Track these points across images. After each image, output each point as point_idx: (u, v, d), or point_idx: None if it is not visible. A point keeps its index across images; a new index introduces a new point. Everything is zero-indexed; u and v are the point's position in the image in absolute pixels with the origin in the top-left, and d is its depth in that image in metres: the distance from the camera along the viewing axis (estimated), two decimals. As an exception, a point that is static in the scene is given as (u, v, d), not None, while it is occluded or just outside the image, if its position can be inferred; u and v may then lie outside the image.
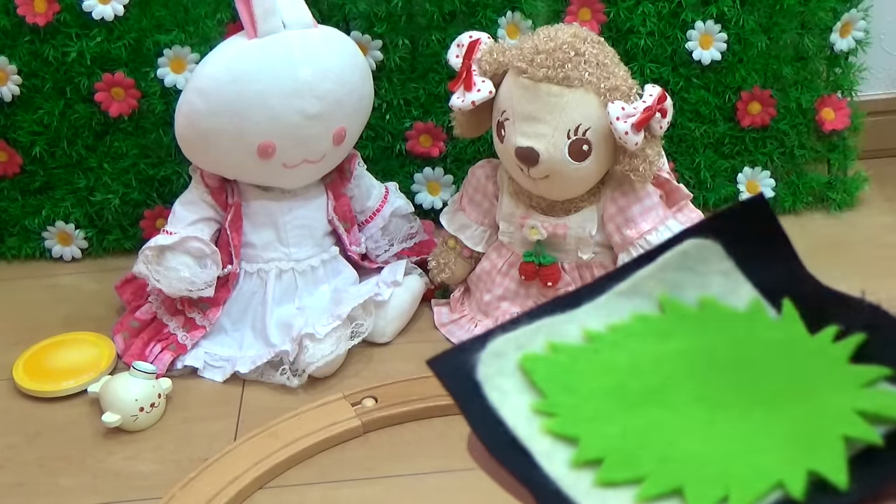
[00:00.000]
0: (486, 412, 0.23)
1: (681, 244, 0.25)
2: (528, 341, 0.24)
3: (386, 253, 1.01)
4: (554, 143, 0.80)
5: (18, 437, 0.83)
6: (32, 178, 1.05)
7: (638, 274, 0.25)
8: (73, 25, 0.96)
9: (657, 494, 0.21)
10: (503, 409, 0.23)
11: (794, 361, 0.23)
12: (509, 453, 0.22)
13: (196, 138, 0.85)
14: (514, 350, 0.24)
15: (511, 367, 0.24)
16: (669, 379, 0.23)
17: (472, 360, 0.23)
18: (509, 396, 0.23)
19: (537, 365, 0.24)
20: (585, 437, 0.22)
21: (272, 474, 0.77)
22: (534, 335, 0.24)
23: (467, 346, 0.24)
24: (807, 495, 0.20)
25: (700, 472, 0.21)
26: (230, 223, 0.91)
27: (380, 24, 1.00)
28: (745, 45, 1.03)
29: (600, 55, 0.80)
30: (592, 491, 0.21)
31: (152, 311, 0.93)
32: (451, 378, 0.23)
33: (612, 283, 0.25)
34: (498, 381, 0.23)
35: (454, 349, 0.24)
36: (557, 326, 0.24)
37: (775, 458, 0.21)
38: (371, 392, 0.84)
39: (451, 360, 0.24)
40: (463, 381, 0.23)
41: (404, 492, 0.76)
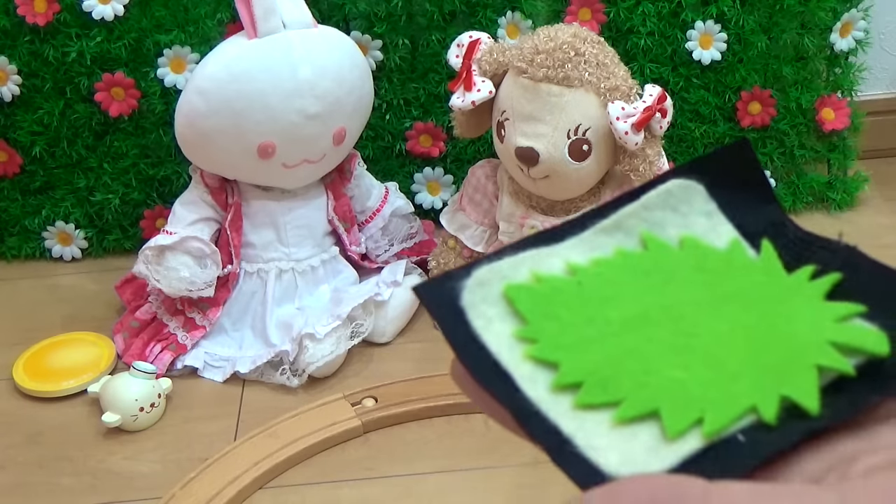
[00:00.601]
0: (469, 338, 0.23)
1: (665, 184, 0.25)
2: (512, 271, 0.24)
3: (386, 253, 1.01)
4: (554, 143, 0.80)
5: (18, 437, 0.83)
6: (32, 178, 1.05)
7: (621, 211, 0.25)
8: (73, 25, 0.96)
9: (633, 416, 0.22)
10: (486, 334, 0.23)
11: (771, 297, 0.24)
12: (491, 377, 0.23)
13: (196, 138, 0.85)
14: (498, 279, 0.24)
15: (495, 295, 0.24)
16: (649, 310, 0.23)
17: (457, 287, 0.24)
18: (493, 323, 0.24)
19: (521, 294, 0.24)
20: (566, 363, 0.23)
21: (272, 474, 0.77)
22: (518, 266, 0.24)
23: (453, 275, 0.24)
24: (779, 419, 0.21)
25: (675, 397, 0.22)
26: (230, 223, 0.91)
27: (380, 24, 1.00)
28: (745, 45, 1.03)
29: (600, 55, 0.80)
30: (571, 412, 0.22)
31: (152, 311, 0.93)
32: (436, 304, 0.24)
33: (595, 220, 0.25)
34: (482, 308, 0.24)
35: (440, 277, 0.24)
36: (541, 258, 0.25)
37: (748, 385, 0.22)
38: (371, 392, 0.84)
39: (436, 287, 0.24)
40: (447, 307, 0.24)
41: (404, 492, 0.76)
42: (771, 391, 0.21)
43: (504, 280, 0.24)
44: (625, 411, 0.22)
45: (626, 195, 0.25)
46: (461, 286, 0.24)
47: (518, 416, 0.22)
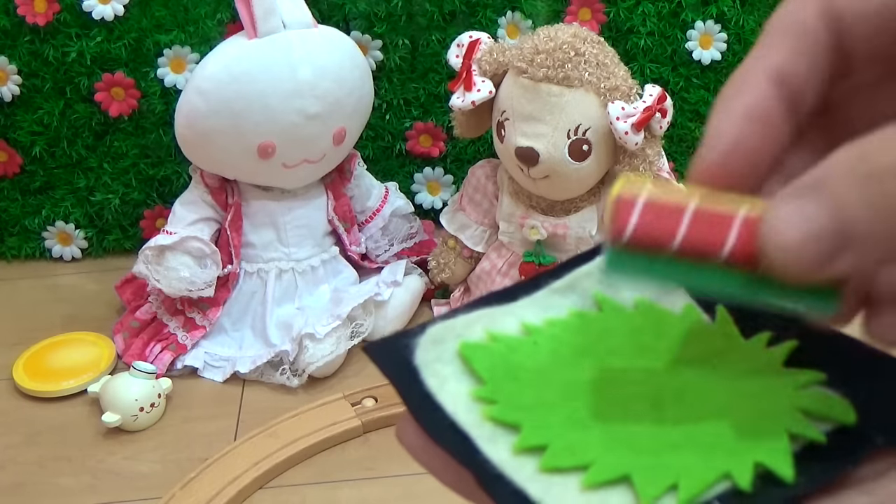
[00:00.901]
0: (424, 397, 0.22)
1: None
2: (467, 330, 0.24)
3: (386, 253, 1.01)
4: (554, 143, 0.80)
5: (18, 437, 0.83)
6: (32, 178, 1.05)
7: (575, 272, 0.25)
8: (73, 25, 0.96)
9: (603, 481, 0.21)
10: (441, 394, 0.23)
11: (730, 363, 0.23)
12: (450, 438, 0.22)
13: (196, 138, 0.85)
14: (452, 338, 0.23)
15: (450, 354, 0.23)
16: (610, 374, 0.23)
17: (411, 345, 0.23)
18: (448, 382, 0.23)
19: (476, 353, 0.23)
20: (528, 424, 0.22)
21: (272, 474, 0.77)
22: (472, 324, 0.24)
23: (406, 332, 0.24)
24: (754, 486, 0.20)
25: (647, 461, 0.21)
26: (230, 223, 0.91)
27: (380, 24, 1.00)
28: (745, 45, 1.03)
29: (600, 55, 0.80)
30: (537, 476, 0.21)
31: (152, 311, 0.93)
32: (388, 363, 0.23)
33: (548, 280, 0.25)
34: (436, 366, 0.23)
35: (392, 336, 0.24)
36: (495, 317, 0.24)
37: (722, 452, 0.21)
38: (371, 392, 0.84)
39: (388, 345, 0.23)
40: (401, 366, 0.23)
41: (404, 492, 0.76)
42: (745, 458, 0.21)
43: (459, 338, 0.23)
44: (594, 476, 0.21)
45: (580, 256, 0.25)
46: (414, 344, 0.23)
47: (481, 479, 0.21)
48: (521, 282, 0.25)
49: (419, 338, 0.23)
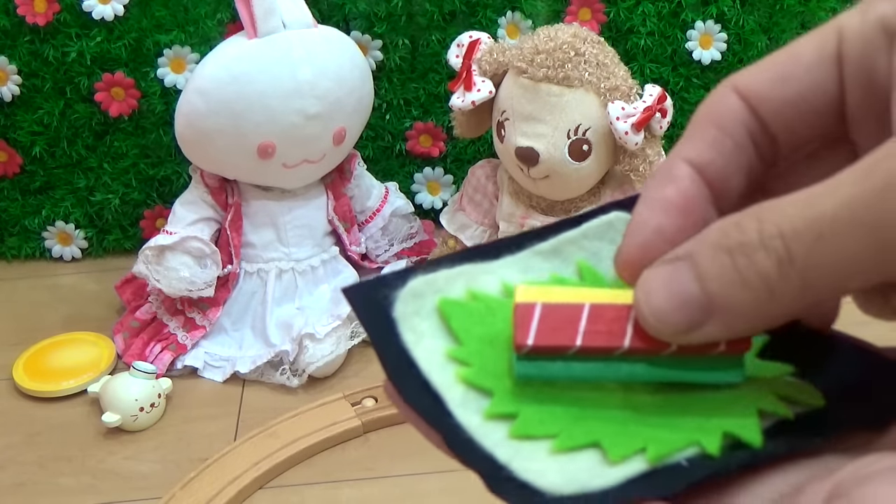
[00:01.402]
0: (400, 353, 0.22)
1: (607, 214, 0.24)
2: (448, 285, 0.23)
3: (386, 253, 1.01)
4: (554, 143, 0.80)
5: (18, 437, 0.83)
6: (32, 178, 1.05)
7: (560, 237, 0.24)
8: (73, 25, 0.96)
9: (573, 447, 0.21)
10: (417, 350, 0.22)
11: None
12: (422, 397, 0.22)
13: (196, 138, 0.85)
14: (432, 293, 0.23)
15: (428, 308, 0.23)
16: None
17: (391, 296, 0.23)
18: (424, 339, 0.23)
19: (455, 310, 0.23)
20: (499, 391, 0.22)
21: (272, 474, 0.77)
22: (453, 280, 0.23)
23: (387, 281, 0.23)
24: (722, 452, 0.21)
25: (617, 429, 0.21)
26: (230, 223, 0.91)
27: (380, 24, 1.00)
28: (745, 45, 1.03)
29: (600, 55, 0.80)
30: (506, 441, 0.21)
31: (152, 311, 0.93)
32: (366, 312, 0.23)
33: (532, 241, 0.24)
34: (414, 321, 0.23)
35: (373, 281, 0.23)
36: (477, 275, 0.24)
37: (691, 424, 0.22)
38: (371, 392, 0.84)
39: (368, 293, 0.23)
40: (379, 317, 0.23)
41: (404, 492, 0.76)
42: (714, 428, 0.21)
43: (439, 293, 0.23)
44: (564, 441, 0.21)
45: (568, 221, 0.25)
46: (394, 296, 0.23)
47: (449, 442, 0.21)
48: (504, 239, 0.24)
49: (399, 290, 0.23)
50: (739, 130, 0.21)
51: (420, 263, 0.24)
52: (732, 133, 0.21)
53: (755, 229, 0.18)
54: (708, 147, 0.21)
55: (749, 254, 0.18)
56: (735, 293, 0.18)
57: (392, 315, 0.23)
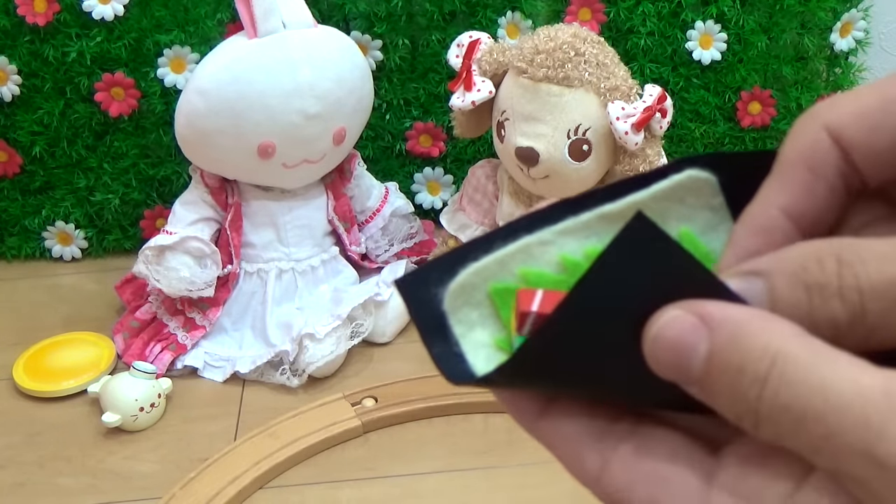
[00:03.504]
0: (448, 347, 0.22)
1: (679, 174, 0.23)
2: (500, 270, 0.23)
3: (386, 253, 1.01)
4: (554, 143, 0.80)
5: (18, 437, 0.83)
6: (32, 178, 1.05)
7: (629, 198, 0.23)
8: (73, 25, 0.96)
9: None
10: (465, 343, 0.23)
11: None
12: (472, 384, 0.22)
13: (196, 138, 0.85)
14: (483, 280, 0.23)
15: (480, 296, 0.23)
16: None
17: (442, 289, 0.23)
18: (474, 329, 0.23)
19: (505, 297, 0.23)
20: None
21: (272, 474, 0.77)
22: (507, 263, 0.23)
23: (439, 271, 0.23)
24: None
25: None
26: (230, 223, 0.91)
27: (380, 24, 1.00)
28: (745, 45, 1.03)
29: (600, 55, 0.80)
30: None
31: (152, 311, 0.93)
32: (417, 306, 0.23)
33: (599, 203, 0.23)
34: (464, 311, 0.23)
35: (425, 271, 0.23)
36: (533, 251, 0.23)
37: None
38: (371, 392, 0.84)
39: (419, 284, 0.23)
40: (429, 312, 0.23)
41: (404, 492, 0.76)
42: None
43: (491, 280, 0.23)
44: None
45: (637, 179, 0.23)
46: (445, 289, 0.23)
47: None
48: (569, 200, 0.23)
49: (450, 284, 0.23)
50: (833, 173, 0.21)
51: (476, 242, 0.23)
52: (826, 176, 0.21)
53: (835, 273, 0.18)
54: (802, 193, 0.21)
55: (826, 298, 0.18)
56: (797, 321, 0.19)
57: (442, 309, 0.23)
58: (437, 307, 0.23)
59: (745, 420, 0.18)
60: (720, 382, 0.19)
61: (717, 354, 0.19)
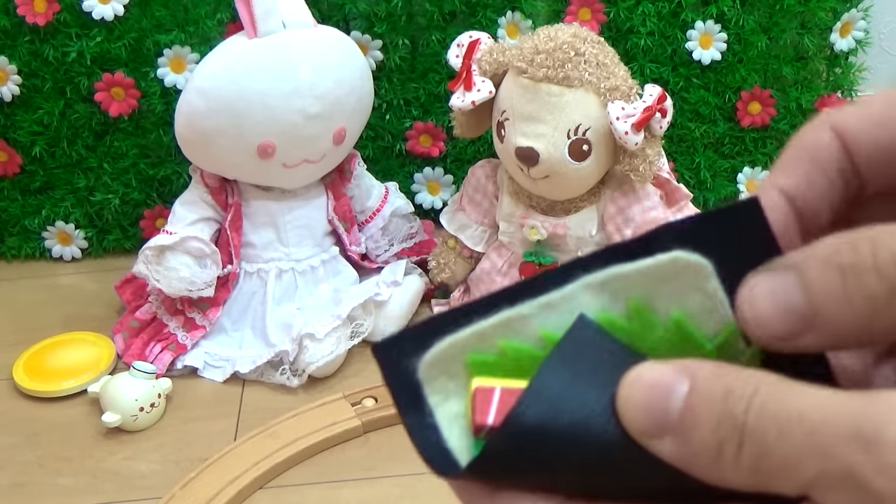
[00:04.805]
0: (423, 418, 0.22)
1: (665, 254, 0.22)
2: (480, 343, 0.22)
3: (386, 253, 1.01)
4: (554, 143, 0.80)
5: (18, 437, 0.83)
6: (32, 178, 1.05)
7: (613, 270, 0.22)
8: (73, 25, 0.96)
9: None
10: (439, 412, 0.22)
11: None
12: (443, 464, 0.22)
13: (196, 138, 0.85)
14: (461, 352, 0.23)
15: (457, 367, 0.23)
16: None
17: (417, 358, 0.22)
18: (449, 399, 0.23)
19: (483, 369, 0.22)
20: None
21: (272, 474, 0.77)
22: (489, 334, 0.22)
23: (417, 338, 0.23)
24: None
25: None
26: (230, 223, 0.91)
27: (380, 24, 1.00)
28: (745, 45, 1.03)
29: (600, 55, 0.80)
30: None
31: (152, 311, 0.93)
32: (391, 373, 0.22)
33: (582, 273, 0.22)
34: (441, 381, 0.23)
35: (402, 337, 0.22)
36: (516, 323, 0.22)
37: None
38: (371, 392, 0.84)
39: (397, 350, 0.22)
40: (405, 381, 0.22)
41: (404, 492, 0.76)
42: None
43: (468, 351, 0.22)
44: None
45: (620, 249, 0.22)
46: (418, 361, 0.22)
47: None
48: (553, 271, 0.22)
49: (427, 352, 0.22)
50: (832, 167, 0.22)
51: (455, 312, 0.22)
52: (825, 168, 0.22)
53: (869, 251, 0.18)
54: (801, 179, 0.22)
55: (860, 274, 0.18)
56: (840, 310, 0.19)
57: (417, 378, 0.22)
58: (413, 376, 0.22)
59: (728, 445, 0.18)
60: (704, 411, 0.19)
61: (702, 386, 0.19)
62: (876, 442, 0.16)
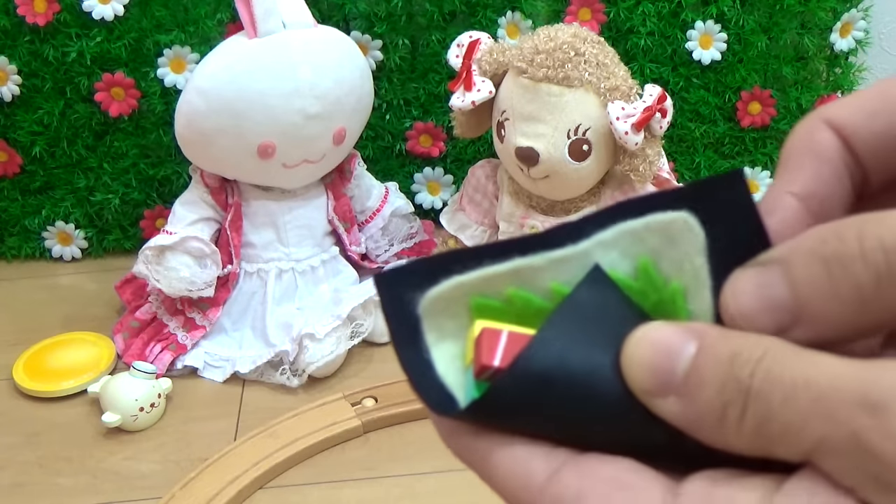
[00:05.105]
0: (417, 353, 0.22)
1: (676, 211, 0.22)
2: (488, 287, 0.22)
3: (386, 253, 1.01)
4: (554, 143, 0.80)
5: (18, 437, 0.83)
6: (32, 178, 1.05)
7: (624, 226, 0.22)
8: (73, 25, 0.96)
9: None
10: (435, 350, 0.22)
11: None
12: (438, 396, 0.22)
13: (196, 138, 0.85)
14: (466, 295, 0.22)
15: (460, 308, 0.22)
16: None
17: (420, 292, 0.22)
18: (446, 339, 0.22)
19: (484, 313, 0.22)
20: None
21: (272, 474, 0.77)
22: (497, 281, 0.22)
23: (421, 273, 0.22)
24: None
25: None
26: (230, 223, 0.91)
27: (380, 24, 1.00)
28: (745, 45, 1.03)
29: (600, 55, 0.80)
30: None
31: (152, 311, 0.93)
32: (391, 306, 0.22)
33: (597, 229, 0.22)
34: (440, 319, 0.22)
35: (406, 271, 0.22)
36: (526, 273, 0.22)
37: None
38: (371, 392, 0.84)
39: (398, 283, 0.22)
40: (403, 313, 0.22)
41: (404, 492, 0.76)
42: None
43: (474, 292, 0.22)
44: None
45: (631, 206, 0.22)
46: (421, 296, 0.22)
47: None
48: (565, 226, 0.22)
49: (431, 288, 0.22)
50: (836, 161, 0.22)
51: (465, 252, 0.22)
52: (833, 166, 0.21)
53: (855, 238, 0.18)
54: (809, 178, 0.21)
55: (846, 264, 0.18)
56: (827, 303, 0.18)
57: (417, 313, 0.22)
58: (413, 311, 0.22)
59: (732, 408, 0.18)
60: (709, 372, 0.18)
61: (709, 348, 0.19)
62: (883, 407, 0.16)
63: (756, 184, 1.10)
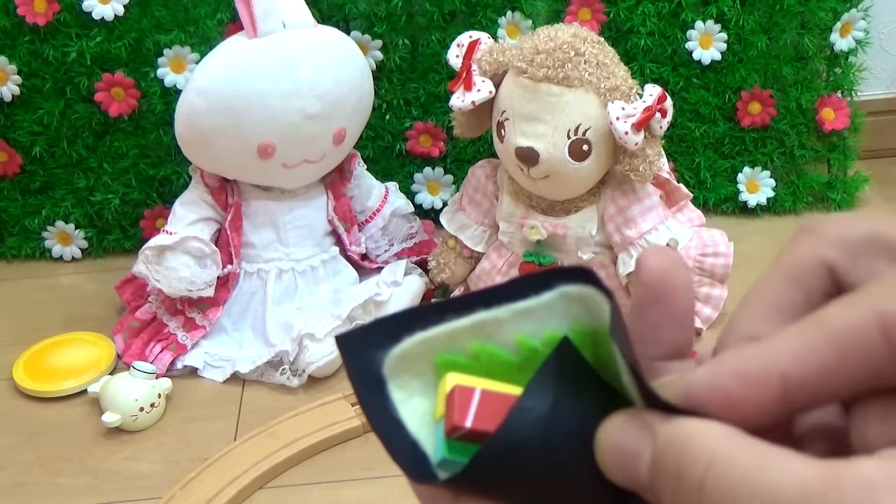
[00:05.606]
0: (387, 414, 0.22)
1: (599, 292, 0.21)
2: (451, 344, 0.22)
3: (386, 253, 1.01)
4: (554, 143, 0.80)
5: (18, 437, 0.83)
6: (32, 178, 1.05)
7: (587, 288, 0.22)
8: (73, 25, 0.96)
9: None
10: (403, 409, 0.22)
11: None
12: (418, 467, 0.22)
13: (196, 138, 0.85)
14: (430, 352, 0.22)
15: (425, 366, 0.22)
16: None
17: (384, 352, 0.22)
18: (413, 398, 0.22)
19: (453, 369, 0.22)
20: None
21: (272, 474, 0.77)
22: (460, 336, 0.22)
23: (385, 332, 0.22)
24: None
25: None
26: (230, 223, 0.91)
27: (380, 24, 1.00)
28: (745, 45, 1.03)
29: (600, 55, 0.80)
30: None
31: (152, 311, 0.93)
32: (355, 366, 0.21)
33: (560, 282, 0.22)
34: (405, 378, 0.22)
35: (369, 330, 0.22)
36: (490, 326, 0.22)
37: None
38: (371, 392, 0.84)
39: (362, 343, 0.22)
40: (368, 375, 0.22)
41: (404, 492, 0.75)
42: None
43: (438, 350, 0.22)
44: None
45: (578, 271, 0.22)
46: (384, 356, 0.22)
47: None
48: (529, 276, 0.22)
49: (394, 347, 0.22)
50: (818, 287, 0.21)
51: (427, 308, 0.22)
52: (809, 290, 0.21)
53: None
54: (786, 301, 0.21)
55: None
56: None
57: (382, 373, 0.22)
58: (377, 371, 0.22)
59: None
60: (665, 489, 0.19)
61: (658, 461, 0.19)
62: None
63: (756, 183, 1.10)
